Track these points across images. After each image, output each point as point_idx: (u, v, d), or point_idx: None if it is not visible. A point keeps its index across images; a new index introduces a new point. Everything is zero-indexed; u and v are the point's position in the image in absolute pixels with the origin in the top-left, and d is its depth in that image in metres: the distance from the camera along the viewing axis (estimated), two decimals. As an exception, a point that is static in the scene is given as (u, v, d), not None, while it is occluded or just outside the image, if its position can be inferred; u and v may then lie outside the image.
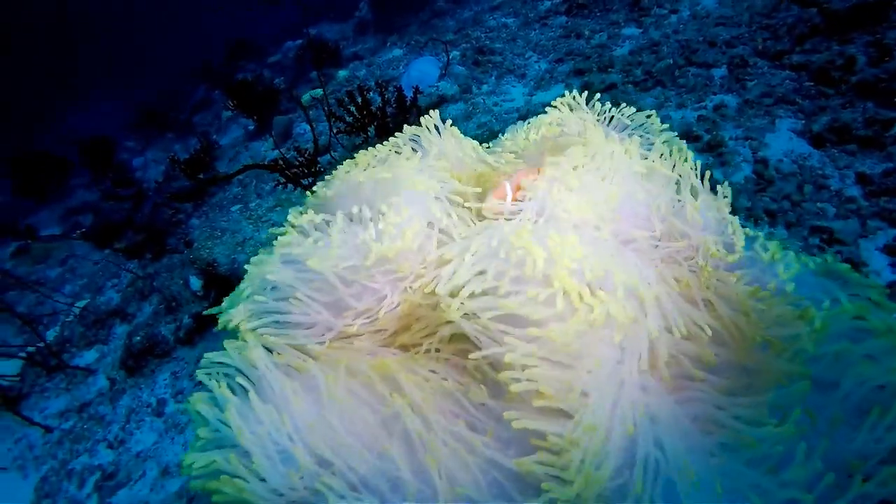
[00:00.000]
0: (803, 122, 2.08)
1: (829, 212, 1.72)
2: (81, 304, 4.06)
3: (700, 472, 0.70)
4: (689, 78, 2.67)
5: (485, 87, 3.56)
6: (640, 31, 3.43)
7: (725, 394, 0.78)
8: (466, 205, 0.99)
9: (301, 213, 1.01)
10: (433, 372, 0.81)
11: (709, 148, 2.15)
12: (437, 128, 1.10)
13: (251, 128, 5.64)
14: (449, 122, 1.10)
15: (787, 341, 0.73)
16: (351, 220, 0.94)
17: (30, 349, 3.43)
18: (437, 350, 0.86)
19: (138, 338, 2.94)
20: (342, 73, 5.25)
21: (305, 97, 5.02)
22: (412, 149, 1.08)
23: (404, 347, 0.89)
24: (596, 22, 3.89)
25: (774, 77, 2.39)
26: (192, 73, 8.06)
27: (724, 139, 2.14)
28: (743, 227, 0.92)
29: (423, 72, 3.53)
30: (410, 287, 0.88)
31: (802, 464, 0.64)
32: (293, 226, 0.95)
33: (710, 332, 0.79)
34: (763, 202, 1.83)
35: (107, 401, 2.78)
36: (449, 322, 0.80)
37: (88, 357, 3.31)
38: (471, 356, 0.78)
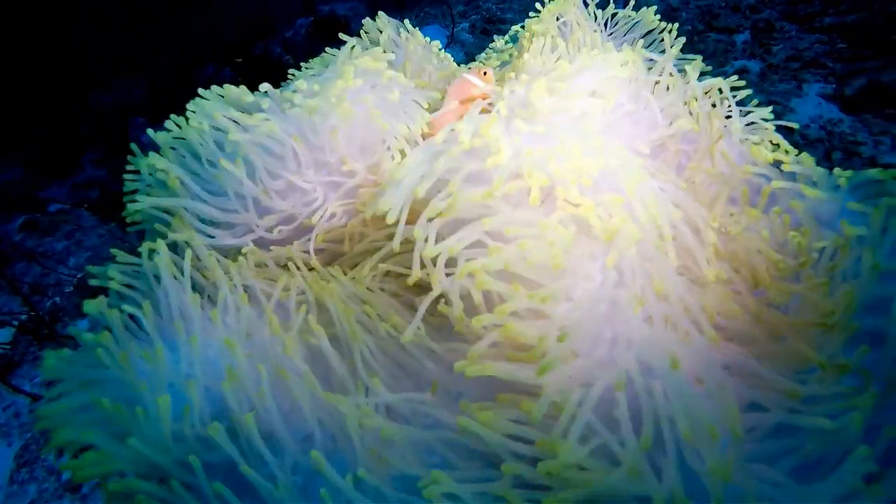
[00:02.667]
0: (834, 86, 1.88)
1: (859, 180, 1.53)
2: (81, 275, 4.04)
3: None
4: (710, 44, 2.47)
5: (492, 57, 3.40)
6: (659, -2, 3.22)
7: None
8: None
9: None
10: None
11: (727, 114, 1.97)
12: (398, 29, 0.95)
13: (258, 103, 5.56)
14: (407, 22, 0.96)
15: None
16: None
17: (23, 318, 3.40)
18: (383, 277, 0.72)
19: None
20: (349, 47, 5.12)
21: (311, 70, 4.91)
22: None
23: (343, 271, 0.74)
24: (613, -9, 3.69)
25: (802, 41, 2.18)
26: (203, 52, 8.00)
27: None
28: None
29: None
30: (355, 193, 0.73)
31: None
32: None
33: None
34: (785, 171, 1.65)
35: (91, 370, 2.72)
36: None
37: (81, 326, 3.26)
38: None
